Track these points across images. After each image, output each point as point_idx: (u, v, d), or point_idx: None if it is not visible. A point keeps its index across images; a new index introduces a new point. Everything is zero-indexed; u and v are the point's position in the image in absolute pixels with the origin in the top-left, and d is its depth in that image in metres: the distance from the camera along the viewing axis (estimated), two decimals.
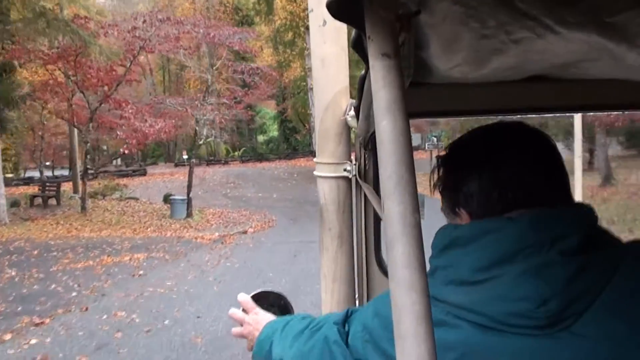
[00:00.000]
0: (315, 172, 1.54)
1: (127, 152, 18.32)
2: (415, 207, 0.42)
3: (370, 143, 1.56)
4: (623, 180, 17.09)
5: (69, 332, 6.18)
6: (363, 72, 0.92)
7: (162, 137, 19.39)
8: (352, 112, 1.44)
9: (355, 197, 1.60)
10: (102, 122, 17.87)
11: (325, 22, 1.43)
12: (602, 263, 0.70)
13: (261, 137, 39.40)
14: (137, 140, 17.28)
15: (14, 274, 9.30)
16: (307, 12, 1.51)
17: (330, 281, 1.53)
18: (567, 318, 0.67)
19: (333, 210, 1.50)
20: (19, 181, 24.94)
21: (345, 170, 1.50)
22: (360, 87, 1.08)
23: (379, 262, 1.74)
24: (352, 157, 1.55)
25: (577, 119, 7.65)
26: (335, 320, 0.94)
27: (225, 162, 33.66)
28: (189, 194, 16.98)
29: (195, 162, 32.23)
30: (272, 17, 31.53)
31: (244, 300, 1.23)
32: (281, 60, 32.23)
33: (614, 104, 1.24)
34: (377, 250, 1.75)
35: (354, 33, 0.57)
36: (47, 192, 19.09)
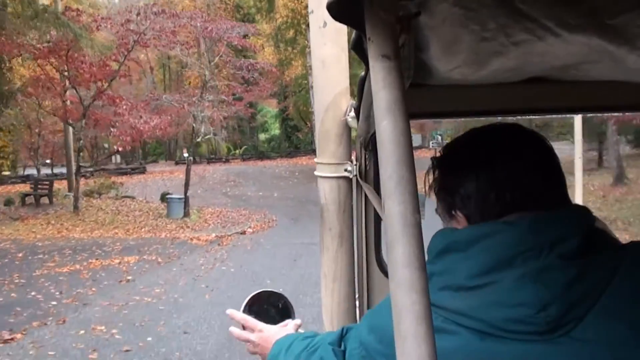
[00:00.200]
0: (316, 172, 1.54)
1: (121, 149, 17.80)
2: (415, 207, 0.43)
3: (370, 143, 1.56)
4: (635, 179, 16.27)
5: (39, 351, 5.57)
6: (363, 73, 0.93)
7: (158, 134, 18.80)
8: (352, 113, 1.44)
9: (356, 197, 1.60)
10: (96, 118, 17.29)
11: (325, 24, 1.44)
12: (602, 266, 0.69)
13: (263, 136, 39.13)
14: (131, 137, 16.67)
15: None
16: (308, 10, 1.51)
17: (330, 281, 1.53)
18: (568, 323, 0.66)
19: (333, 210, 1.51)
20: (16, 179, 24.65)
21: (345, 170, 1.50)
22: (360, 88, 1.08)
23: (379, 262, 1.75)
24: (353, 157, 1.55)
25: (577, 120, 7.64)
26: (331, 341, 0.96)
27: (226, 160, 33.44)
28: (186, 192, 16.46)
29: (196, 160, 32.25)
30: (273, 15, 31.42)
31: (241, 318, 1.25)
32: (282, 59, 32.05)
33: (614, 105, 1.24)
34: (378, 250, 1.75)
35: (354, 34, 0.57)
36: (39, 191, 18.51)
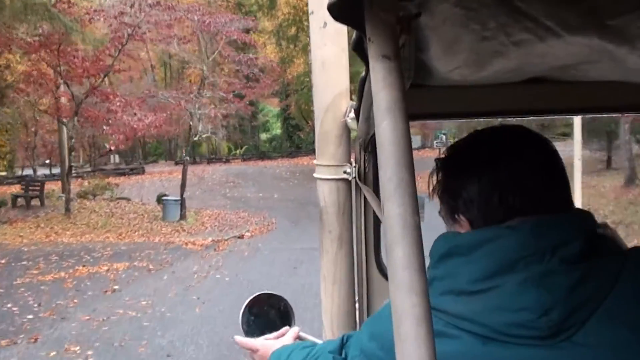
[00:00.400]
0: (315, 174, 1.54)
1: (114, 147, 16.95)
2: (415, 209, 0.42)
3: (370, 145, 1.56)
4: None
5: None
6: (363, 74, 0.92)
7: (153, 132, 18.13)
8: (352, 114, 1.44)
9: (355, 199, 1.59)
10: (89, 116, 16.53)
11: (325, 24, 1.44)
12: (604, 270, 0.68)
13: (264, 135, 38.73)
14: (125, 135, 15.95)
15: None
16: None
17: (329, 283, 1.52)
18: (570, 328, 0.66)
19: (333, 212, 1.50)
20: (13, 179, 23.97)
21: (345, 172, 1.50)
22: (360, 89, 1.08)
23: (378, 265, 1.74)
24: (352, 159, 1.55)
25: (577, 121, 7.66)
26: (331, 349, 0.97)
27: (227, 160, 33.10)
28: (182, 194, 15.85)
29: (196, 161, 31.98)
30: (275, 12, 31.20)
31: (246, 343, 1.25)
32: (284, 56, 31.79)
33: (614, 106, 1.24)
34: (377, 253, 1.75)
35: (354, 35, 0.57)
36: (30, 192, 17.80)
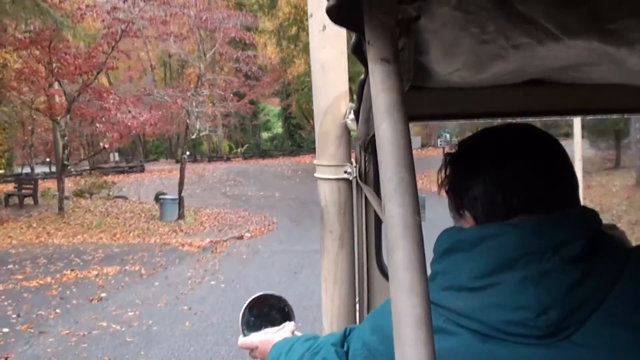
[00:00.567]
0: (316, 174, 1.54)
1: (107, 146, 16.30)
2: (415, 209, 0.43)
3: (370, 146, 1.56)
4: None
5: None
6: (363, 76, 0.93)
7: (148, 130, 17.64)
8: (351, 116, 1.45)
9: (356, 199, 1.60)
10: (82, 114, 16.04)
11: (325, 27, 1.44)
12: (605, 270, 0.68)
13: (265, 134, 38.46)
14: (119, 134, 15.42)
15: None
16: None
17: (330, 284, 1.53)
18: (568, 327, 0.66)
19: (334, 212, 1.51)
20: (11, 177, 23.30)
21: (345, 172, 1.50)
22: (359, 92, 1.08)
23: (379, 265, 1.74)
24: (353, 159, 1.55)
25: (577, 122, 7.65)
26: (333, 342, 0.97)
27: (228, 159, 32.88)
28: (180, 193, 15.31)
29: (197, 159, 31.77)
30: (275, 12, 31.00)
31: (244, 342, 1.25)
32: (285, 56, 31.48)
33: (613, 107, 1.24)
34: (378, 253, 1.75)
35: (353, 38, 0.57)
36: (24, 191, 17.16)
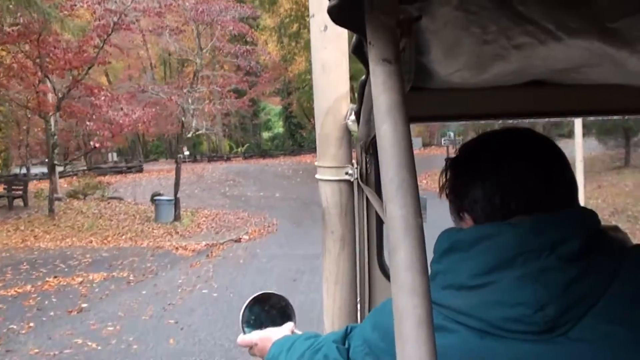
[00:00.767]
0: (317, 176, 1.54)
1: (97, 145, 15.68)
2: (417, 210, 0.43)
3: (371, 147, 1.56)
4: None
5: None
6: (364, 77, 0.93)
7: (141, 129, 17.09)
8: (352, 117, 1.44)
9: (358, 200, 1.60)
10: (72, 111, 15.42)
11: (326, 28, 1.44)
12: (602, 268, 0.69)
13: (266, 134, 38.28)
14: (110, 132, 14.84)
15: None
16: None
17: (332, 284, 1.53)
18: (565, 323, 0.67)
19: (335, 213, 1.51)
20: (8, 177, 22.63)
21: (347, 173, 1.50)
22: (360, 92, 1.08)
23: (381, 266, 1.74)
24: (354, 160, 1.55)
25: (578, 123, 7.65)
26: (335, 339, 0.98)
27: (228, 159, 32.74)
28: (176, 193, 14.73)
29: (197, 159, 31.50)
30: (276, 8, 30.79)
31: (243, 340, 1.25)
32: (286, 54, 30.98)
33: (614, 108, 1.24)
34: (380, 254, 1.75)
35: (354, 38, 0.57)
36: (13, 192, 16.47)
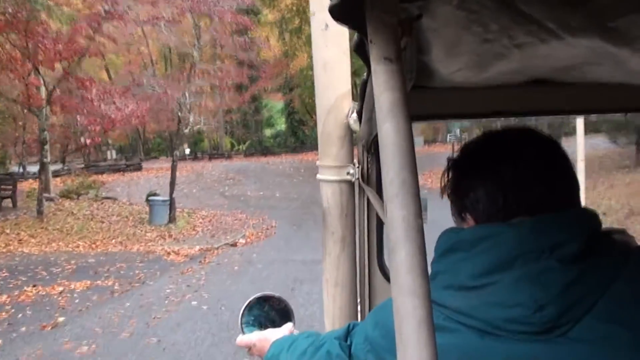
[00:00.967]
0: (319, 176, 1.54)
1: (89, 142, 14.97)
2: (418, 211, 0.42)
3: (372, 146, 1.56)
4: None
5: None
6: (365, 76, 0.93)
7: (135, 123, 16.38)
8: (354, 116, 1.44)
9: (358, 200, 1.59)
10: (63, 105, 14.69)
11: (327, 26, 1.44)
12: (602, 269, 0.69)
13: (268, 131, 37.80)
14: (102, 127, 14.14)
15: None
16: None
17: (332, 286, 1.52)
18: (565, 324, 0.67)
19: (336, 214, 1.50)
20: (5, 176, 23.35)
21: (348, 173, 1.50)
22: (362, 91, 1.08)
23: (381, 267, 1.74)
24: (355, 161, 1.54)
25: (579, 122, 7.64)
26: (337, 336, 0.98)
27: (229, 156, 32.21)
28: (171, 193, 14.01)
29: (197, 156, 31.16)
30: (277, 3, 30.57)
31: (242, 341, 1.24)
32: (287, 49, 30.49)
33: (616, 107, 1.23)
34: (380, 255, 1.75)
35: (355, 37, 0.57)
36: (2, 192, 15.49)
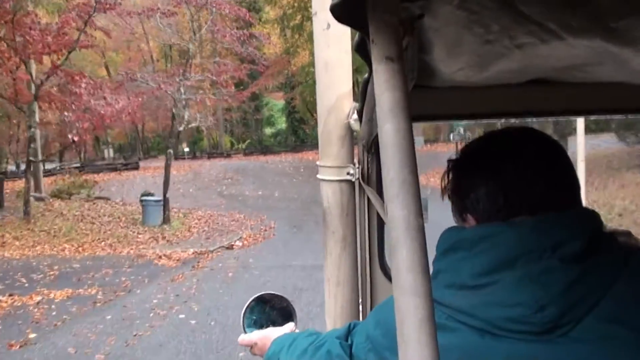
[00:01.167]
0: (319, 176, 1.54)
1: (76, 139, 14.00)
2: (418, 210, 0.42)
3: (373, 146, 1.56)
4: None
5: None
6: (366, 75, 0.93)
7: (126, 119, 16.02)
8: (355, 116, 1.44)
9: (359, 200, 1.59)
10: (52, 100, 14.12)
11: (329, 26, 1.44)
12: (604, 269, 0.69)
13: (269, 130, 37.71)
14: (91, 123, 13.59)
15: None
16: None
17: (333, 285, 1.52)
18: (566, 324, 0.67)
19: (336, 214, 1.50)
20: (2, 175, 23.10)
21: (348, 173, 1.50)
22: (363, 91, 1.08)
23: (382, 267, 1.74)
24: (356, 160, 1.54)
25: (580, 122, 7.64)
26: (338, 335, 0.98)
27: (228, 155, 31.77)
28: (165, 193, 13.43)
29: (196, 155, 30.90)
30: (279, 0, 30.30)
31: (243, 339, 1.25)
32: (289, 47, 30.15)
33: (617, 107, 1.23)
34: (381, 255, 1.75)
35: (357, 36, 0.57)
36: None
